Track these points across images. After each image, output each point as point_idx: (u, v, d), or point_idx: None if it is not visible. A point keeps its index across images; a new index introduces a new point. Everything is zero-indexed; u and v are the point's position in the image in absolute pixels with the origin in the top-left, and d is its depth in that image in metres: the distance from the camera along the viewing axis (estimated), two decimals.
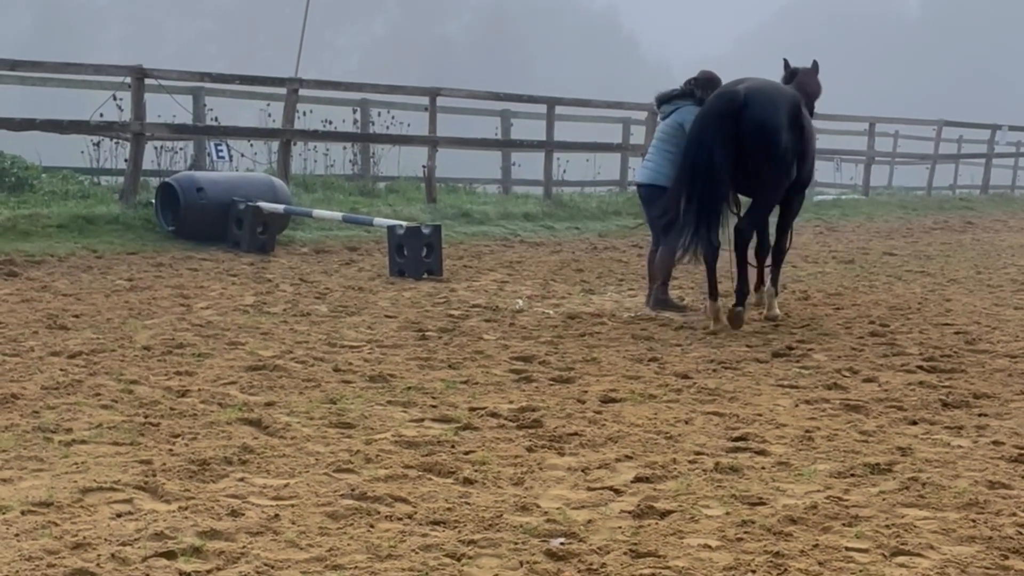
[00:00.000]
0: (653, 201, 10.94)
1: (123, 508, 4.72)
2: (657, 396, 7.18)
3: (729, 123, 9.73)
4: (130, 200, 15.37)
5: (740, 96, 9.82)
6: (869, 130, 29.89)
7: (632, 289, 12.28)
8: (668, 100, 11.08)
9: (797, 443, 6.13)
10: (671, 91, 11.15)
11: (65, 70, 17.23)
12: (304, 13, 18.33)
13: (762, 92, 9.99)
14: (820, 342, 9.33)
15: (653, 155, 11.10)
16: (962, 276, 14.57)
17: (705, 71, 11.33)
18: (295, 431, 6.00)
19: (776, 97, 10.04)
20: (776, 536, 4.65)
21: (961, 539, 4.68)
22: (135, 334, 8.52)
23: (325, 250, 14.72)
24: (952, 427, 6.60)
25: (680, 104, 10.96)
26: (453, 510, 4.83)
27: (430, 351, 8.40)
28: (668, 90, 11.20)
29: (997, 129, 33.41)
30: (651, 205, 11.02)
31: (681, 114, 10.83)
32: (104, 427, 5.90)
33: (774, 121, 9.84)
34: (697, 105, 10.70)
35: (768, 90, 10.11)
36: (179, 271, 12.22)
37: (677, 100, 11.00)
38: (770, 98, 9.97)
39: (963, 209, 28.15)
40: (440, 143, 19.52)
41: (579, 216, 20.20)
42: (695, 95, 10.88)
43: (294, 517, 4.68)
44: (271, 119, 20.33)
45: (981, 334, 9.93)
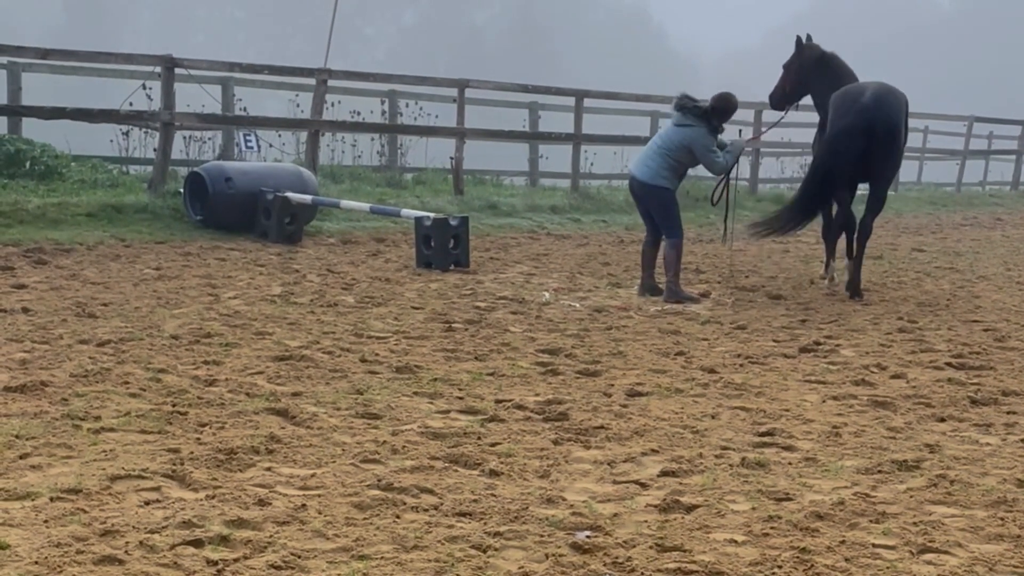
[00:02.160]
0: (649, 196, 11.09)
1: (151, 496, 4.74)
2: (684, 390, 7.17)
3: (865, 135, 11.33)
4: (159, 189, 15.43)
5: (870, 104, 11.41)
6: None
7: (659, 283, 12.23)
8: (685, 111, 11.05)
9: (824, 439, 6.11)
10: (694, 104, 11.08)
11: (95, 59, 17.29)
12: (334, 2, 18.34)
13: (891, 94, 11.69)
14: (848, 338, 9.30)
15: (655, 157, 11.10)
16: (991, 273, 14.49)
17: (724, 95, 11.36)
18: (322, 421, 6.02)
19: (898, 101, 11.70)
20: (802, 532, 4.63)
21: (989, 537, 4.66)
22: (163, 323, 8.56)
23: (352, 241, 14.75)
24: (980, 424, 6.57)
25: (694, 124, 10.96)
26: (479, 502, 4.84)
27: (456, 343, 8.41)
28: (692, 101, 11.12)
29: None
30: (647, 199, 11.15)
31: (692, 136, 10.93)
32: (132, 415, 5.93)
33: (899, 124, 11.53)
34: (711, 132, 10.88)
35: (892, 95, 11.71)
36: (207, 261, 12.26)
37: (693, 118, 10.99)
38: (896, 101, 11.66)
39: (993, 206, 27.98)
40: (468, 135, 19.51)
41: (606, 209, 20.17)
42: (711, 123, 10.96)
43: (321, 507, 4.69)
44: (300, 109, 20.37)
45: (1010, 331, 9.87)
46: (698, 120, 11.01)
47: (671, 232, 11.15)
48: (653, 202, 11.19)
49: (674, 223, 11.19)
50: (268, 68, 18.77)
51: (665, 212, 11.15)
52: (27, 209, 13.62)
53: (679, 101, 11.24)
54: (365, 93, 22.33)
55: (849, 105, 11.53)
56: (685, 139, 10.99)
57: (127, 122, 17.06)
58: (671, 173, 11.10)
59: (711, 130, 11.05)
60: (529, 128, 24.26)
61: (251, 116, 18.70)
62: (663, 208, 11.15)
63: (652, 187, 11.09)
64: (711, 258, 14.70)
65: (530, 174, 24.52)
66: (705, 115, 11.03)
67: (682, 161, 11.13)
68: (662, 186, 11.06)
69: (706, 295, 11.41)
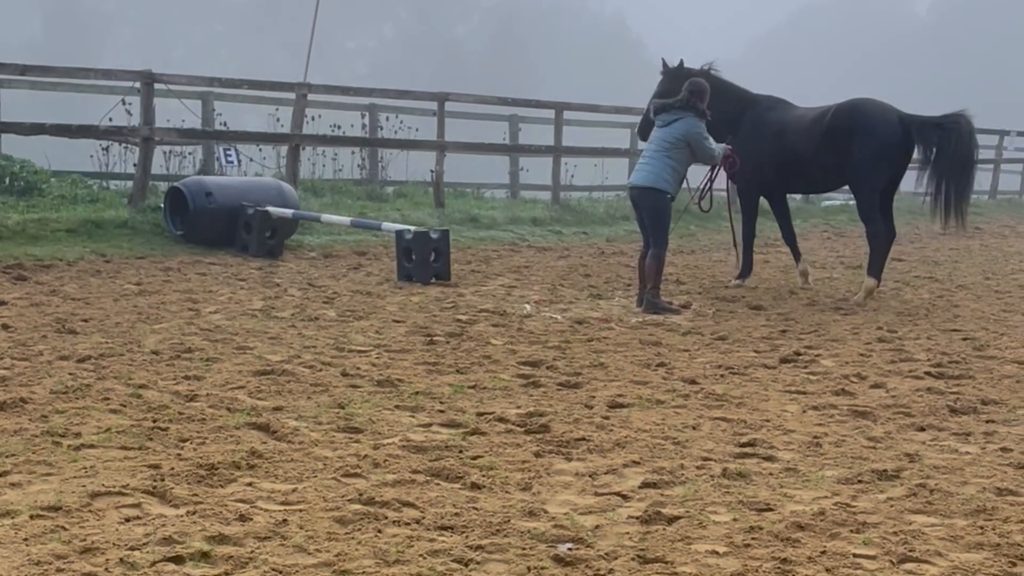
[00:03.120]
0: (647, 201, 11.16)
1: (131, 513, 4.73)
2: (665, 401, 7.18)
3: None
4: (139, 205, 15.40)
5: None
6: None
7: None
8: (667, 109, 11.24)
9: (805, 449, 6.13)
10: (670, 101, 11.35)
11: (74, 75, 17.27)
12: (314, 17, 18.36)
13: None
14: (828, 348, 9.33)
15: (653, 160, 11.21)
16: (970, 282, 14.56)
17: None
18: (303, 436, 6.01)
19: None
20: (784, 542, 4.65)
21: (969, 546, 4.68)
22: (144, 338, 8.54)
23: (333, 255, 14.74)
24: (960, 433, 6.60)
25: (680, 115, 11.13)
26: (461, 515, 4.84)
27: (438, 356, 8.41)
28: (667, 100, 11.44)
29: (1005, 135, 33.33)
30: (645, 205, 11.22)
31: (685, 127, 11.09)
32: (113, 431, 5.91)
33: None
34: (698, 117, 11.06)
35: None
36: (188, 276, 12.24)
37: (678, 111, 11.16)
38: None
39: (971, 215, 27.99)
40: (448, 148, 19.54)
41: (587, 221, 20.19)
42: (696, 108, 11.12)
43: (302, 522, 4.69)
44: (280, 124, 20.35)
45: (989, 340, 9.92)
46: (683, 111, 11.18)
47: (657, 241, 11.21)
48: (649, 205, 11.21)
49: (662, 233, 11.26)
50: (248, 83, 18.76)
51: (658, 219, 11.21)
52: (7, 225, 13.57)
53: (655, 107, 11.45)
54: (345, 107, 22.33)
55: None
56: (679, 131, 11.14)
57: (107, 137, 17.01)
58: (672, 175, 11.18)
59: (699, 115, 11.21)
60: (509, 141, 24.29)
61: (231, 131, 18.69)
62: (657, 214, 11.20)
63: (652, 190, 11.15)
64: (691, 269, 14.74)
65: (511, 187, 24.55)
66: (687, 104, 11.19)
67: (681, 159, 11.21)
68: (662, 189, 11.14)
69: (687, 306, 11.44)
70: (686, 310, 11.23)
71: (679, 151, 11.17)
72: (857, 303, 12.07)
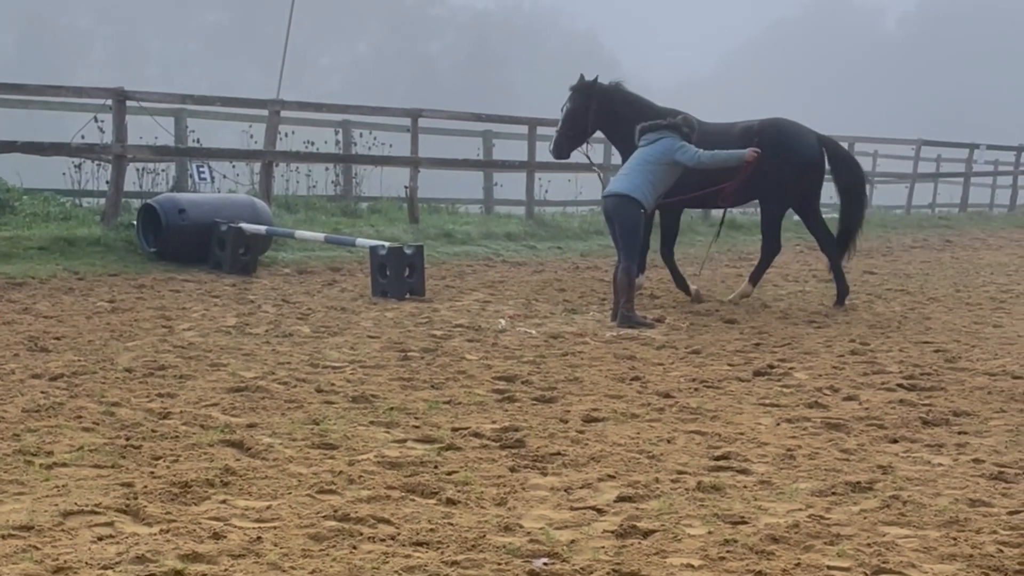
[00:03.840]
0: (621, 212, 11.23)
1: (104, 531, 4.70)
2: (639, 415, 7.19)
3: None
4: (112, 222, 15.34)
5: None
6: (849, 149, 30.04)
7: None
8: (654, 128, 11.50)
9: (779, 462, 6.15)
10: (657, 122, 11.58)
11: (46, 92, 17.20)
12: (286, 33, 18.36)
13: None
14: (801, 361, 9.37)
15: (632, 172, 11.32)
16: (941, 294, 14.64)
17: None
18: (277, 452, 5.99)
19: None
20: (758, 555, 4.66)
21: (942, 557, 4.70)
22: (117, 356, 8.50)
23: (307, 271, 14.72)
24: (932, 445, 6.63)
25: (665, 134, 11.36)
26: (436, 531, 4.83)
27: (413, 371, 8.41)
28: (654, 121, 11.69)
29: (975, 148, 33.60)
30: (619, 216, 11.27)
31: (668, 143, 11.36)
32: (85, 450, 5.88)
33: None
34: (683, 139, 11.26)
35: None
36: (161, 293, 12.20)
37: (663, 131, 11.40)
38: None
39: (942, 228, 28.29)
40: (422, 163, 19.55)
41: (561, 236, 20.23)
42: (681, 130, 11.36)
43: (276, 539, 4.67)
44: (253, 140, 20.32)
45: (961, 352, 9.98)
46: (668, 131, 11.49)
47: (627, 255, 11.25)
48: (623, 216, 11.25)
49: (633, 249, 11.32)
50: (221, 100, 18.75)
51: (630, 233, 11.27)
52: None
53: (642, 128, 11.58)
54: (319, 123, 22.33)
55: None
56: (662, 147, 11.37)
57: (79, 155, 16.97)
58: (650, 189, 11.27)
59: (683, 136, 11.39)
60: (483, 156, 24.32)
61: (204, 147, 18.66)
62: (630, 228, 11.26)
63: (628, 200, 11.20)
64: (665, 284, 14.77)
65: (485, 202, 24.57)
66: (672, 126, 11.43)
67: (660, 177, 11.31)
68: (638, 200, 11.20)
69: (660, 320, 11.47)
70: (660, 324, 11.26)
71: (661, 166, 11.28)
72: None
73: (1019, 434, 6.92)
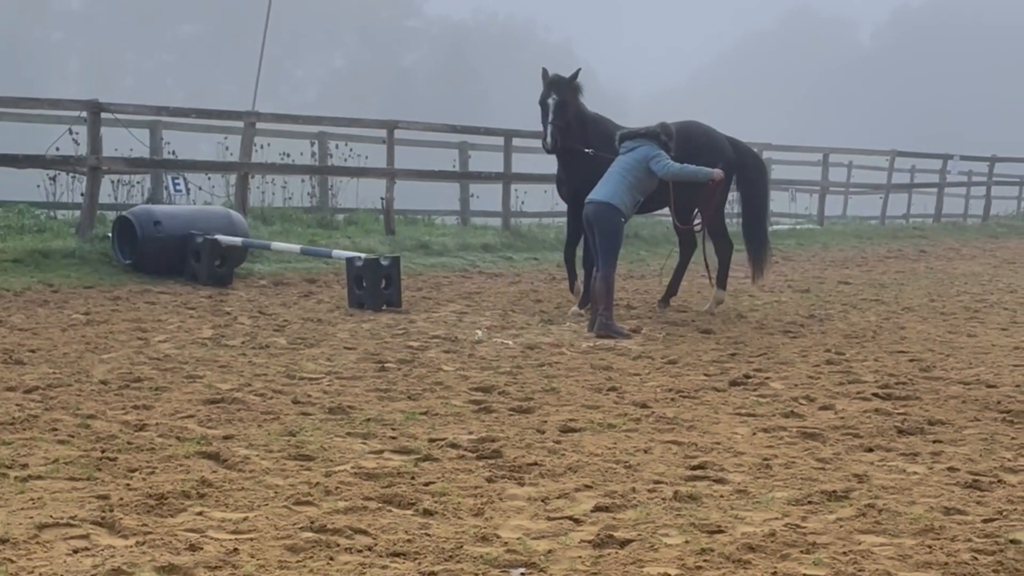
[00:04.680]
0: (602, 218, 11.29)
1: (80, 544, 4.68)
2: (616, 425, 7.21)
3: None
4: (86, 234, 15.28)
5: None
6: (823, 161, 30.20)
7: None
8: (632, 136, 11.61)
9: (755, 471, 6.17)
10: (636, 129, 11.70)
11: (20, 104, 17.15)
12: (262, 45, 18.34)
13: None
14: (777, 370, 9.40)
15: (612, 179, 11.40)
16: (916, 304, 14.72)
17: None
18: (254, 464, 5.98)
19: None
20: (735, 564, 4.67)
21: (917, 565, 4.72)
22: (92, 368, 8.47)
23: (284, 282, 14.69)
24: (907, 454, 6.66)
25: (643, 142, 11.47)
26: (413, 541, 4.83)
27: (389, 382, 8.40)
28: (633, 128, 11.81)
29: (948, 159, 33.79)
30: (599, 223, 11.33)
31: (645, 150, 11.45)
32: (61, 462, 5.85)
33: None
34: (661, 147, 11.36)
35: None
36: (136, 305, 12.15)
37: (641, 139, 11.51)
38: None
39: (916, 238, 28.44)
40: (398, 175, 19.56)
41: (537, 247, 20.25)
42: (660, 139, 11.46)
43: (253, 551, 4.66)
44: (229, 152, 20.28)
45: (935, 361, 10.04)
46: (646, 140, 11.58)
47: (606, 262, 11.30)
48: (603, 222, 11.32)
49: (612, 255, 11.37)
50: (196, 112, 18.73)
51: (609, 239, 11.33)
52: None
53: (621, 135, 11.69)
54: (295, 135, 22.31)
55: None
56: (640, 154, 11.41)
57: (54, 167, 16.91)
58: (629, 197, 11.37)
59: (662, 145, 11.48)
60: (459, 168, 24.33)
61: (180, 159, 18.62)
62: (609, 234, 11.33)
63: (607, 206, 11.29)
64: (642, 294, 14.81)
65: (461, 213, 24.58)
66: (651, 135, 11.52)
67: (639, 184, 11.39)
68: (617, 207, 11.30)
69: (637, 330, 11.49)
70: (636, 335, 11.28)
71: (639, 173, 11.37)
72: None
73: (993, 442, 6.96)
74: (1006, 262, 22.46)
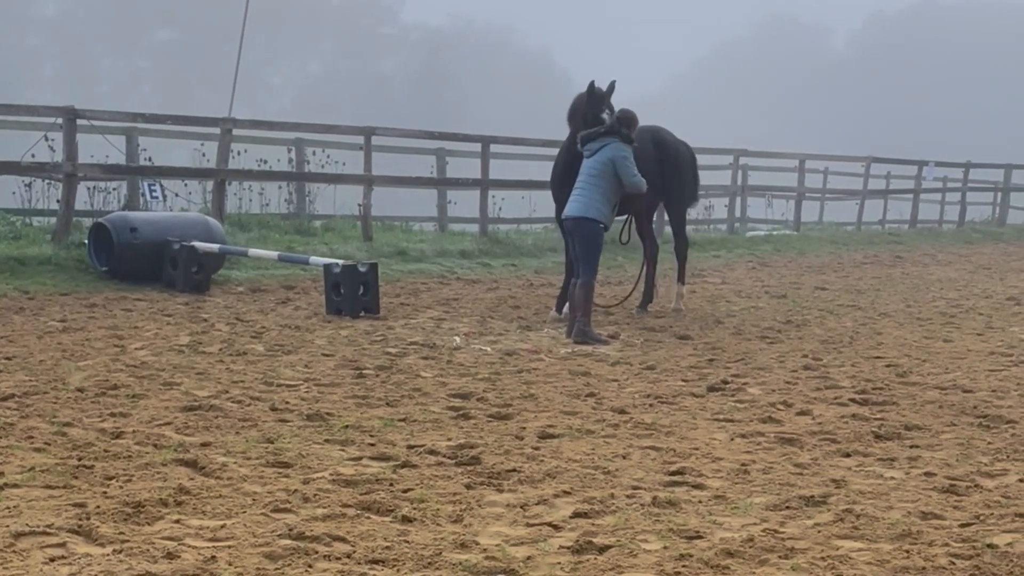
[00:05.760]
0: (582, 229, 11.33)
1: (57, 552, 4.65)
2: (594, 431, 7.21)
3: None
4: (63, 241, 15.21)
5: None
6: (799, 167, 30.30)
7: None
8: (594, 138, 11.49)
9: (733, 476, 6.18)
10: (595, 130, 11.58)
11: None
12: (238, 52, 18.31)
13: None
14: (755, 376, 9.43)
15: (585, 191, 11.41)
16: (892, 310, 14.78)
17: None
18: (232, 471, 5.96)
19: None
20: (713, 569, 4.68)
21: (895, 570, 4.74)
22: (68, 376, 8.42)
23: (261, 289, 14.65)
24: (885, 459, 6.69)
25: (607, 141, 11.39)
26: (392, 548, 4.82)
27: (368, 389, 8.39)
28: (592, 129, 11.65)
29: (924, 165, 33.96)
30: (579, 233, 11.36)
31: (611, 151, 11.38)
32: (37, 470, 5.82)
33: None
34: (624, 142, 11.33)
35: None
36: (113, 312, 12.10)
37: (603, 137, 11.43)
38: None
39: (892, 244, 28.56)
40: (375, 181, 19.54)
41: (515, 253, 20.26)
42: (622, 133, 11.41)
43: (231, 558, 4.64)
44: (205, 159, 20.22)
45: (912, 367, 10.08)
46: (609, 136, 11.41)
47: (586, 269, 11.34)
48: (583, 234, 11.37)
49: (592, 263, 11.41)
50: (172, 118, 18.66)
51: (589, 248, 11.39)
52: None
53: (582, 137, 11.62)
54: (271, 142, 22.26)
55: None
56: (606, 155, 11.42)
57: (29, 173, 16.84)
58: (605, 204, 11.42)
59: (624, 139, 11.44)
60: (437, 174, 24.32)
61: (156, 166, 18.55)
62: (589, 243, 11.39)
63: (586, 220, 11.36)
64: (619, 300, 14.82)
65: (439, 219, 24.56)
66: (612, 130, 11.45)
67: (611, 187, 11.42)
68: (596, 219, 11.37)
69: (614, 336, 11.51)
70: (614, 340, 11.30)
71: (608, 178, 11.38)
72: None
73: (970, 447, 7.00)
74: (981, 267, 22.58)
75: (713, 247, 23.60)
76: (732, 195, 28.37)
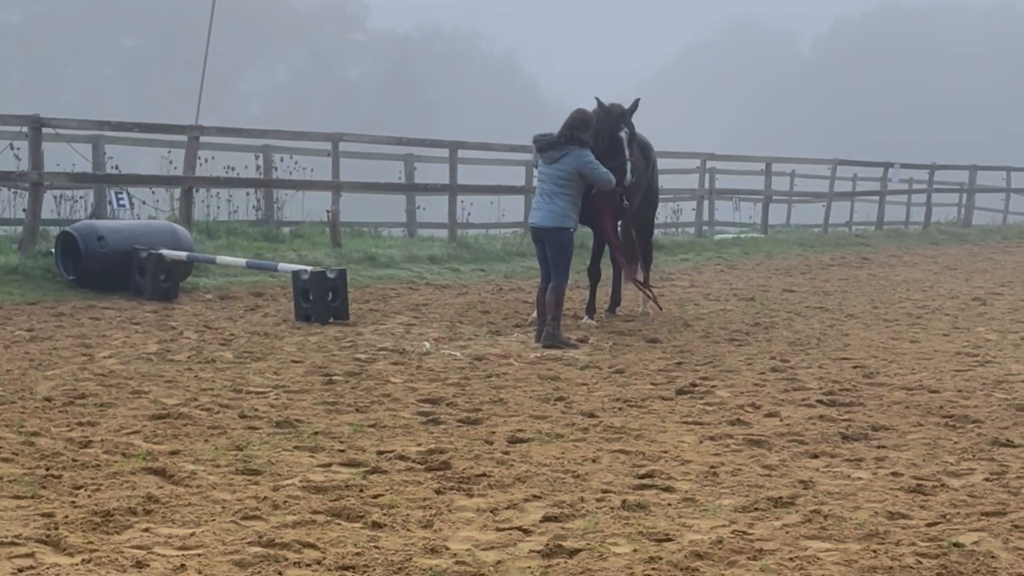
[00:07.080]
0: (552, 235, 11.39)
1: (25, 563, 4.63)
2: (564, 435, 7.23)
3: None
4: (29, 250, 15.12)
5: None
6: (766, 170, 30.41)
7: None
8: (552, 147, 11.49)
9: (702, 479, 6.22)
10: (551, 137, 11.57)
11: None
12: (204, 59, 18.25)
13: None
14: (723, 379, 9.47)
15: (552, 200, 11.43)
16: (859, 311, 14.87)
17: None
18: (201, 479, 5.95)
19: None
20: (683, 572, 4.71)
21: (863, 570, 4.78)
22: (36, 385, 8.38)
23: (230, 296, 14.59)
24: (852, 459, 6.74)
25: (566, 150, 11.42)
26: (362, 554, 4.82)
27: (337, 395, 8.38)
28: (548, 135, 11.66)
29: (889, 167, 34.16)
30: (550, 238, 11.42)
31: (575, 161, 11.40)
32: (4, 480, 5.79)
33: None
34: (582, 147, 11.37)
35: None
36: (80, 320, 12.03)
37: (563, 146, 11.44)
38: None
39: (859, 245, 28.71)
40: (344, 187, 19.52)
41: (484, 258, 20.25)
42: (580, 139, 11.43)
43: (201, 567, 4.64)
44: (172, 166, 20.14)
45: (878, 368, 10.15)
46: (568, 145, 11.49)
47: (558, 274, 11.40)
48: (554, 240, 11.45)
49: (563, 267, 11.48)
50: (139, 126, 18.59)
51: (561, 253, 11.47)
52: None
53: (538, 144, 11.66)
54: (239, 148, 22.20)
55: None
56: (571, 165, 11.42)
57: None
58: (572, 210, 11.52)
59: (582, 144, 11.49)
60: (405, 180, 24.32)
61: (123, 174, 18.47)
62: (561, 248, 11.47)
63: (557, 229, 11.41)
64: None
65: (408, 225, 24.56)
66: (571, 138, 11.44)
67: (575, 193, 11.50)
68: (566, 227, 11.43)
69: (584, 340, 11.54)
70: (583, 344, 11.33)
71: (572, 185, 11.44)
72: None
73: (936, 447, 7.06)
74: (947, 268, 22.73)
75: (681, 250, 23.66)
76: (700, 198, 28.46)
